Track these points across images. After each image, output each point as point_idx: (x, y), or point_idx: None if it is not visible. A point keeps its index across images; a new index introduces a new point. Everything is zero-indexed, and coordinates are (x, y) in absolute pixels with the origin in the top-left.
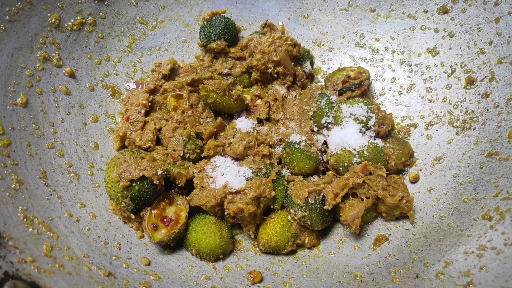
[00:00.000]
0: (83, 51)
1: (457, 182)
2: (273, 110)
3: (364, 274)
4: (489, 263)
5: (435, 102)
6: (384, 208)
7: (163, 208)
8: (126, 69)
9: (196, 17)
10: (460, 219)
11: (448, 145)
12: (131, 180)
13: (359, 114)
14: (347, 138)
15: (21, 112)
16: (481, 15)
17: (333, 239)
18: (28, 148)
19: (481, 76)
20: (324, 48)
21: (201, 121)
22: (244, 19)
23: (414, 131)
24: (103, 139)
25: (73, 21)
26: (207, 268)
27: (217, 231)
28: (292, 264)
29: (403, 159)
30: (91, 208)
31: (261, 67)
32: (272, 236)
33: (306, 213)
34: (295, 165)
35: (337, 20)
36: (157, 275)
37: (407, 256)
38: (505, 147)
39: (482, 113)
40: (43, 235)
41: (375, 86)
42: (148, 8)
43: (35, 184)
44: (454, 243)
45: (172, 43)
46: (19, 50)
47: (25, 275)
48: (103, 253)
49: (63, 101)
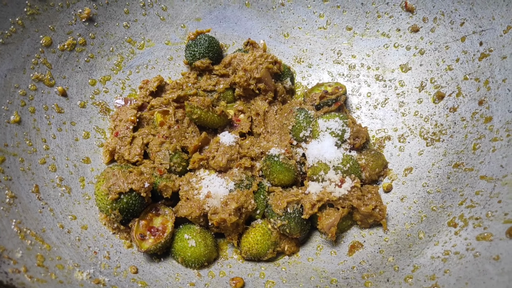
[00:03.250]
0: (73, 70)
1: (426, 192)
2: (255, 124)
3: (340, 279)
4: (452, 267)
5: (407, 116)
6: (359, 217)
7: (150, 218)
8: (115, 87)
9: (182, 36)
10: (429, 226)
11: (419, 156)
12: (119, 192)
13: (334, 128)
14: (323, 151)
15: (15, 130)
16: (448, 33)
17: (311, 246)
18: (21, 164)
19: (449, 91)
20: (304, 65)
21: (186, 135)
22: (227, 38)
23: (388, 143)
24: (93, 153)
25: (64, 42)
26: (192, 275)
27: (201, 240)
28: (272, 270)
29: (377, 170)
30: (81, 220)
31: (244, 83)
32: (254, 244)
33: (285, 222)
34: (274, 177)
35: (316, 38)
36: (144, 282)
37: (380, 261)
38: (470, 158)
39: (450, 126)
40: (36, 246)
41: (352, 101)
42: (136, 28)
43: (28, 198)
44: (422, 248)
45: (159, 61)
46: (12, 71)
47: (19, 284)
48: (93, 262)
49: (55, 118)
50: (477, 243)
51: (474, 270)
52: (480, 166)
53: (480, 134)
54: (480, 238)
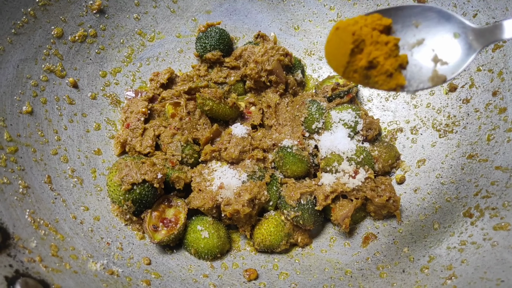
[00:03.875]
0: (84, 61)
1: (440, 183)
2: (267, 117)
3: (354, 270)
4: (470, 257)
5: (419, 108)
6: (373, 208)
7: (162, 210)
8: (125, 79)
9: (192, 28)
10: (444, 217)
11: (432, 148)
12: (132, 183)
13: (347, 120)
14: (336, 143)
15: (27, 120)
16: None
17: (324, 238)
18: (33, 154)
19: (462, 83)
20: (315, 57)
21: (198, 127)
22: (238, 30)
23: (400, 135)
24: (104, 145)
25: (75, 33)
26: (205, 267)
27: (214, 232)
28: (286, 262)
29: (390, 161)
30: (94, 211)
31: (255, 75)
32: (267, 236)
33: (298, 213)
34: (287, 168)
35: (326, 30)
36: (157, 273)
37: (394, 252)
38: (484, 149)
39: (463, 117)
40: (50, 236)
41: (363, 93)
42: (146, 21)
43: (41, 188)
44: (437, 239)
45: (169, 53)
46: (24, 62)
47: (34, 273)
48: (106, 253)
49: (66, 110)
50: (495, 233)
51: (493, 259)
52: (495, 157)
53: (494, 125)
54: (497, 228)
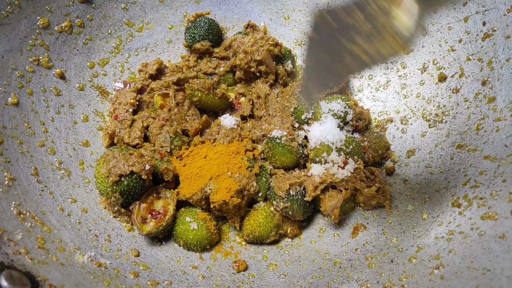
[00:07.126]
0: (71, 52)
1: (429, 173)
2: (256, 107)
3: (343, 260)
4: (457, 247)
5: (409, 98)
6: (362, 199)
7: (151, 201)
8: (114, 70)
9: (181, 18)
10: (432, 207)
11: (422, 138)
12: (120, 175)
13: (337, 110)
14: (325, 133)
15: (12, 112)
16: (451, 14)
17: (314, 228)
18: (20, 146)
19: (451, 72)
20: (305, 48)
21: (187, 118)
22: (227, 20)
23: (390, 125)
24: (92, 137)
25: (62, 23)
26: (194, 258)
27: (203, 223)
28: (275, 253)
29: (380, 151)
30: (82, 203)
31: (244, 66)
32: (256, 227)
33: (287, 204)
34: (277, 159)
35: None
36: (146, 265)
37: (383, 243)
38: (473, 139)
39: (453, 107)
40: (36, 229)
41: (353, 83)
42: (135, 11)
43: (27, 180)
44: (426, 229)
45: (158, 44)
46: (9, 52)
47: (19, 265)
48: (94, 245)
49: (53, 101)
50: (482, 222)
51: (479, 249)
52: (484, 146)
53: (483, 114)
54: (485, 218)
